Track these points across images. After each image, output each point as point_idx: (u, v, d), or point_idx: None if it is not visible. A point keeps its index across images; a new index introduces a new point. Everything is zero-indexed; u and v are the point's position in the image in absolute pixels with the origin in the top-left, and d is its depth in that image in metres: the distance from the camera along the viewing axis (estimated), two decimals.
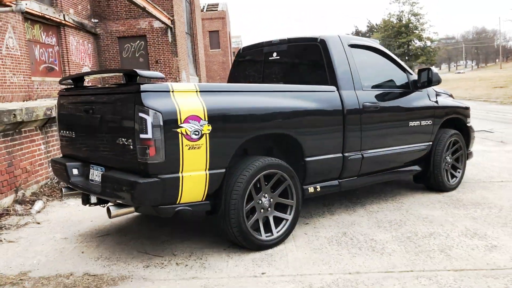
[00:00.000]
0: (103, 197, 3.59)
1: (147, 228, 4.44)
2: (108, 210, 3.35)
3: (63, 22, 13.48)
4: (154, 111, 3.10)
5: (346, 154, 4.32)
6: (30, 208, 5.15)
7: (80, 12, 15.19)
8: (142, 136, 3.12)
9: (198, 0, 24.92)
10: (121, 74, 3.46)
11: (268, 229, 3.77)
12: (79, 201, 5.42)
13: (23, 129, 5.66)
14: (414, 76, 5.08)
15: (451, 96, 6.14)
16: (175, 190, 3.24)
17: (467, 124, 5.83)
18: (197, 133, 3.27)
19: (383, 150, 4.67)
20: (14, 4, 9.99)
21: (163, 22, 15.98)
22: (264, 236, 3.71)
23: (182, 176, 3.25)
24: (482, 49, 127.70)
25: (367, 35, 61.92)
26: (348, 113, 4.29)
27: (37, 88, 11.91)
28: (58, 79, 13.22)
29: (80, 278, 3.28)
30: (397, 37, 53.48)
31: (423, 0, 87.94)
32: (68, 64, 13.85)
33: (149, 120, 3.09)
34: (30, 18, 11.87)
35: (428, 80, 4.92)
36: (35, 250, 3.94)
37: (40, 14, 12.12)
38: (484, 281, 3.00)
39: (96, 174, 3.68)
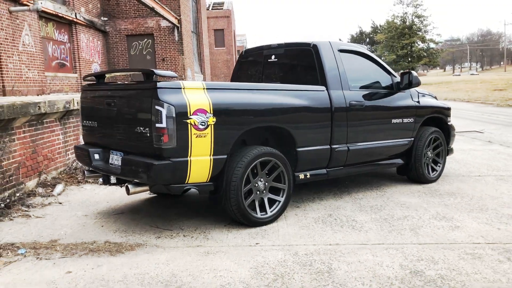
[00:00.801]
0: (123, 177, 4.17)
1: (158, 208, 5.03)
2: (127, 188, 3.94)
3: (75, 20, 14.09)
4: (168, 105, 3.69)
5: (334, 146, 4.91)
6: (52, 191, 5.75)
7: (91, 11, 15.80)
8: (157, 125, 3.71)
9: (204, 0, 25.47)
10: (127, 72, 4.05)
11: (263, 209, 4.36)
12: (95, 186, 6.07)
13: (45, 120, 6.26)
14: (398, 78, 5.65)
15: (435, 98, 6.70)
16: (184, 172, 3.83)
17: (448, 123, 6.40)
18: (203, 124, 3.86)
19: (367, 144, 5.25)
20: (32, 3, 10.62)
21: (170, 22, 16.57)
22: (259, 214, 4.30)
23: (190, 160, 3.84)
24: (487, 52, 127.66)
25: (371, 35, 62.33)
26: (335, 110, 4.87)
27: (49, 83, 12.53)
28: (69, 74, 13.93)
29: (103, 244, 3.88)
30: (400, 39, 53.92)
31: (428, 1, 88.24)
32: (79, 60, 14.47)
33: (164, 112, 3.68)
34: (44, 16, 12.48)
35: (409, 82, 5.50)
36: (60, 224, 4.54)
37: (53, 13, 12.73)
38: (441, 251, 3.57)
39: (115, 159, 4.27)
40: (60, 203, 5.33)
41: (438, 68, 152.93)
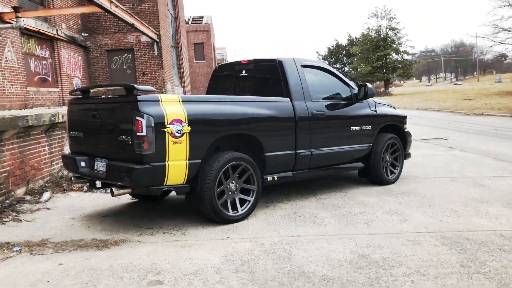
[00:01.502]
0: (108, 181, 4.62)
1: (139, 211, 5.49)
2: (112, 191, 4.41)
3: (56, 36, 14.44)
4: (147, 115, 4.19)
5: (298, 151, 5.47)
6: (39, 198, 6.14)
7: (72, 27, 16.18)
8: (138, 134, 4.20)
9: (183, 15, 26.06)
10: (110, 87, 4.54)
11: (235, 208, 4.87)
12: (80, 193, 6.49)
13: (32, 132, 6.66)
14: (356, 90, 6.27)
15: (393, 107, 7.35)
16: (162, 175, 4.32)
17: (404, 130, 7.04)
18: (179, 132, 4.37)
19: (329, 149, 5.83)
20: (14, 21, 10.98)
21: (149, 37, 17.05)
22: (231, 212, 4.81)
23: (168, 164, 4.33)
24: (460, 62, 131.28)
25: (347, 48, 63.87)
26: (299, 119, 5.44)
27: (32, 98, 12.83)
28: (51, 89, 14.25)
29: (90, 241, 4.33)
30: (375, 51, 55.47)
31: (402, 13, 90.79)
32: (60, 75, 14.79)
33: (144, 122, 4.17)
34: (26, 33, 12.81)
35: (365, 93, 6.14)
36: (50, 226, 4.96)
37: (35, 29, 13.08)
38: (388, 240, 4.14)
39: (100, 165, 4.73)
40: (48, 209, 5.74)
41: (414, 78, 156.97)
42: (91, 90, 5.30)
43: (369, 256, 3.73)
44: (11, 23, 10.99)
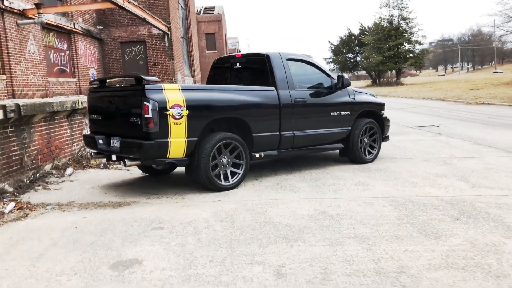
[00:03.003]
0: (121, 155, 5.62)
1: (148, 183, 6.50)
2: (125, 162, 5.42)
3: (73, 29, 15.50)
4: (153, 101, 5.16)
5: (282, 133, 6.40)
6: (64, 173, 7.20)
7: (88, 20, 17.23)
8: (145, 116, 5.17)
9: (193, 7, 26.94)
10: (123, 78, 5.52)
11: (226, 178, 5.84)
12: (98, 169, 7.53)
13: (56, 117, 7.70)
14: (336, 80, 7.15)
15: (373, 96, 8.19)
16: (165, 149, 5.30)
17: (382, 116, 7.90)
18: (179, 115, 5.33)
19: (310, 131, 6.75)
20: (36, 16, 12.04)
21: (160, 30, 18.02)
22: (223, 182, 5.78)
23: (170, 141, 5.31)
24: (478, 51, 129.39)
25: (359, 37, 63.97)
26: (283, 106, 6.37)
27: (52, 87, 13.94)
28: (69, 79, 15.36)
29: (107, 202, 5.36)
30: (387, 40, 55.62)
31: (419, 2, 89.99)
32: (77, 66, 15.88)
33: (150, 106, 5.14)
34: (46, 27, 13.88)
35: (342, 83, 7.02)
36: (74, 193, 6.00)
37: (54, 24, 14.14)
38: (347, 202, 5.06)
39: (115, 142, 5.73)
40: (71, 181, 6.79)
41: (431, 68, 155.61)
42: (107, 80, 6.30)
43: (327, 212, 4.67)
44: (34, 19, 12.05)
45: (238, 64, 7.11)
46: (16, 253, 3.82)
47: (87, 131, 8.59)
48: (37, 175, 6.77)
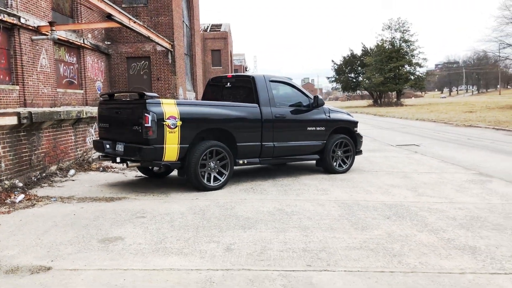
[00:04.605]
0: (125, 157, 6.65)
1: (139, 185, 7.45)
2: (127, 164, 6.48)
3: (83, 45, 16.68)
4: (152, 113, 6.19)
5: (263, 143, 7.44)
6: (67, 173, 8.17)
7: (96, 36, 18.44)
8: (146, 125, 6.21)
9: (198, 26, 28.23)
10: (126, 92, 6.57)
11: (213, 180, 6.84)
12: (97, 172, 8.50)
13: (62, 125, 8.71)
14: (312, 100, 8.16)
15: (348, 114, 9.17)
16: (161, 153, 6.32)
17: (355, 132, 8.88)
18: (174, 125, 6.34)
19: (289, 143, 7.79)
20: (49, 33, 13.19)
21: (164, 47, 19.19)
22: (211, 183, 6.79)
23: (165, 147, 6.33)
24: (483, 75, 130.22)
25: (362, 58, 65.24)
26: (264, 120, 7.41)
27: (60, 98, 15.04)
28: (77, 90, 16.48)
29: (101, 197, 6.32)
30: (388, 62, 56.79)
31: (423, 24, 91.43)
32: (85, 79, 17.02)
33: (150, 117, 6.17)
34: (57, 42, 15.04)
35: (317, 102, 8.03)
36: (74, 189, 6.96)
37: (65, 39, 15.32)
38: (304, 203, 5.97)
39: (120, 147, 6.75)
40: (73, 180, 7.76)
41: (436, 90, 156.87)
42: (115, 94, 7.41)
43: (284, 209, 5.60)
44: (47, 35, 13.19)
45: (229, 84, 8.21)
46: (25, 230, 4.77)
47: (91, 137, 9.63)
48: (44, 174, 7.74)
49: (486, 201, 6.09)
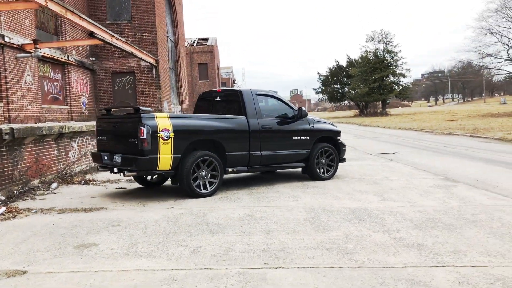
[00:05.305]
0: (122, 168, 7.01)
1: (118, 195, 7.75)
2: (124, 173, 6.88)
3: (67, 61, 16.98)
4: (147, 126, 6.60)
5: (251, 152, 7.88)
6: (49, 187, 8.43)
7: (81, 53, 18.75)
8: (141, 137, 6.60)
9: (183, 40, 28.68)
10: (122, 107, 6.98)
11: (204, 188, 7.24)
12: (79, 185, 8.77)
13: (45, 140, 8.99)
14: (297, 111, 8.63)
15: (332, 125, 9.64)
16: (155, 163, 6.73)
17: (338, 141, 9.35)
18: (167, 136, 6.74)
19: (275, 152, 8.25)
20: (33, 51, 13.48)
21: (148, 62, 19.56)
22: (202, 190, 7.20)
23: (159, 157, 6.74)
24: (468, 84, 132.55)
25: (347, 69, 66.26)
26: (252, 131, 7.86)
27: (45, 113, 15.27)
28: (62, 106, 16.71)
29: (81, 208, 6.60)
30: (372, 72, 57.81)
31: (408, 34, 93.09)
32: (70, 94, 17.28)
33: (145, 130, 6.57)
34: (42, 59, 15.32)
35: (301, 114, 8.52)
36: (55, 202, 7.23)
37: (50, 56, 15.61)
38: (273, 209, 6.30)
39: (117, 158, 7.11)
40: (55, 193, 8.03)
41: (423, 99, 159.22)
42: (112, 110, 7.87)
43: (253, 215, 5.94)
44: (31, 52, 13.48)
45: (218, 97, 8.68)
46: (4, 240, 5.04)
47: (74, 152, 9.90)
48: (26, 188, 8.00)
49: (445, 204, 6.49)
